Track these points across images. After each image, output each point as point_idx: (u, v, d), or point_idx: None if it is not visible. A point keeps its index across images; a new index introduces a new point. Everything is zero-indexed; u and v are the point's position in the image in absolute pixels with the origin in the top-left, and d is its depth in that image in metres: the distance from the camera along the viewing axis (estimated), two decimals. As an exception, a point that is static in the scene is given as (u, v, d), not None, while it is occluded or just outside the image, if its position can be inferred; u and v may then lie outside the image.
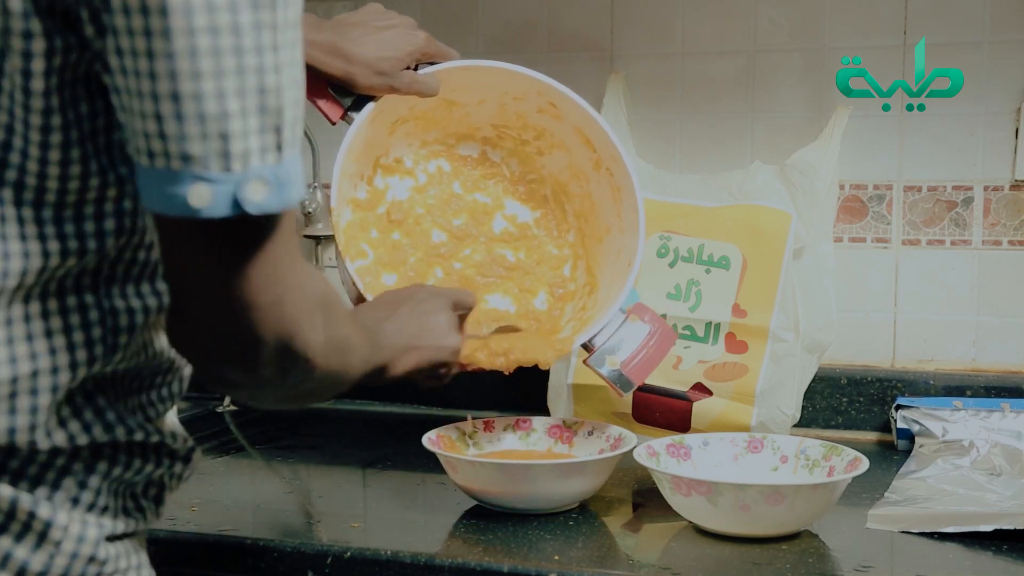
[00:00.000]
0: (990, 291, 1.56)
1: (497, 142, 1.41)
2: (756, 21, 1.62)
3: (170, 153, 0.66)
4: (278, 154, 0.68)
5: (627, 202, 1.32)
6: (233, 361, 0.75)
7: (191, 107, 0.65)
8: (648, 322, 1.28)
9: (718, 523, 1.14)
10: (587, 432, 1.37)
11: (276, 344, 0.73)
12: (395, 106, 1.29)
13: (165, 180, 0.67)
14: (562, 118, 1.34)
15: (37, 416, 0.73)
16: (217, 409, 1.81)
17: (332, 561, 1.12)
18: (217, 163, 0.66)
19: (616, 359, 1.26)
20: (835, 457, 1.23)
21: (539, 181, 1.42)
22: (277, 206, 0.69)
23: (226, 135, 0.66)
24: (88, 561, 0.76)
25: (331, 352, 0.79)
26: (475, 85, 1.33)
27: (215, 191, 0.66)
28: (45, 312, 0.73)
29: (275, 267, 0.72)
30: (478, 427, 1.37)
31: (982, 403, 1.45)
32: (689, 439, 1.29)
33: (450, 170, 1.42)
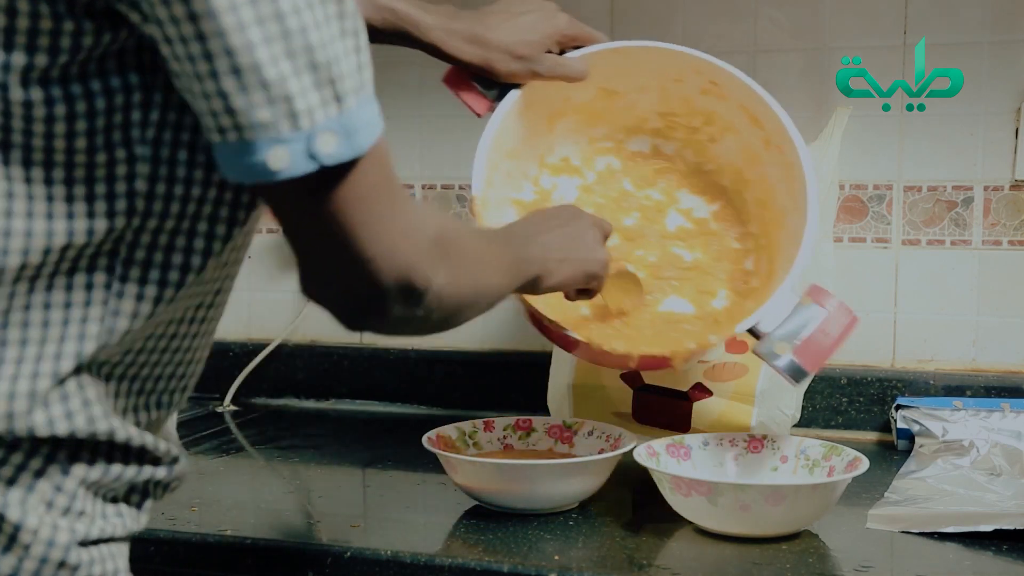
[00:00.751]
0: (990, 291, 1.56)
1: (668, 133, 1.34)
2: (756, 21, 1.62)
3: (241, 125, 0.68)
4: (338, 105, 0.70)
5: (798, 178, 1.24)
6: (363, 310, 0.80)
7: (252, 77, 0.67)
8: (826, 305, 1.17)
9: (718, 523, 1.14)
10: (587, 432, 1.37)
11: (398, 290, 0.77)
12: (547, 98, 1.24)
13: (242, 152, 0.69)
14: (726, 97, 1.27)
15: (34, 401, 0.72)
16: (217, 409, 1.81)
17: (332, 561, 1.12)
18: (287, 124, 0.69)
19: (787, 346, 1.16)
20: (835, 457, 1.23)
21: (717, 171, 1.35)
22: (349, 153, 0.71)
23: (289, 96, 0.68)
24: (58, 566, 0.75)
25: (461, 280, 0.84)
26: (629, 70, 1.27)
27: (291, 151, 0.69)
28: (51, 296, 0.73)
29: (375, 217, 0.74)
30: (478, 427, 1.37)
31: (982, 403, 1.45)
32: (689, 439, 1.29)
33: (620, 167, 1.37)
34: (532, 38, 1.21)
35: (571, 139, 1.35)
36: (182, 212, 0.75)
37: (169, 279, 0.76)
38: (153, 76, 0.73)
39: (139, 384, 0.80)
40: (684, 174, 1.36)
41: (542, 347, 1.71)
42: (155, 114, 0.73)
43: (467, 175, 1.75)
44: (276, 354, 1.85)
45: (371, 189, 0.74)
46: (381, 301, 0.77)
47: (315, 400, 1.84)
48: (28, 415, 0.72)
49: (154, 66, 0.72)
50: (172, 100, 0.73)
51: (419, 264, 0.78)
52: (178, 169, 0.75)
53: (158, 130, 0.73)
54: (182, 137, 0.74)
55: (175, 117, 0.74)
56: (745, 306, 1.29)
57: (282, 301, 1.87)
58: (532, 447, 1.38)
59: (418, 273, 0.78)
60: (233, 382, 1.84)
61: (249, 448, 1.60)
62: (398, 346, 1.81)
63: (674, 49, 1.23)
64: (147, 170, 0.74)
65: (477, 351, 1.77)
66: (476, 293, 0.89)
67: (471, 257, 0.88)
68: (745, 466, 1.28)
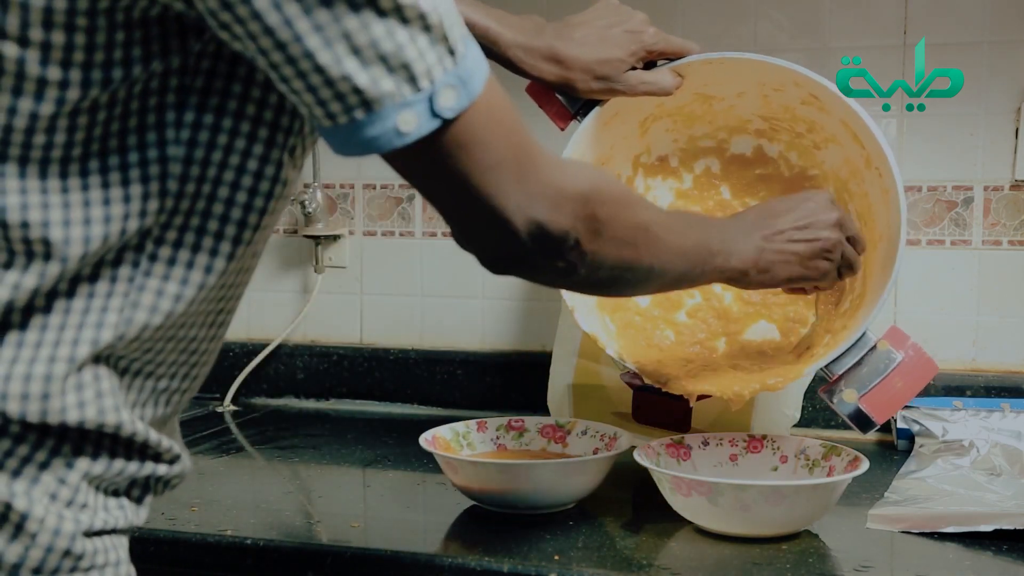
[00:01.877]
0: (990, 291, 1.56)
1: (772, 135, 1.30)
2: (756, 21, 1.62)
3: (369, 100, 0.70)
4: (453, 58, 0.72)
5: (894, 207, 1.18)
6: (505, 259, 0.81)
7: (371, 53, 0.69)
8: (902, 351, 1.13)
9: (718, 523, 1.14)
10: (580, 432, 1.37)
11: (533, 241, 0.78)
12: (639, 104, 1.21)
13: (366, 125, 0.71)
14: (827, 111, 1.22)
15: (50, 385, 0.73)
16: (217, 409, 1.81)
17: (332, 561, 1.12)
18: (409, 88, 0.70)
19: (855, 392, 1.13)
20: (835, 457, 1.23)
21: (821, 177, 1.30)
22: (467, 100, 0.72)
23: (407, 63, 0.70)
24: (63, 555, 0.76)
25: (613, 245, 0.84)
26: (725, 78, 1.23)
27: (416, 112, 0.71)
28: (76, 286, 0.74)
29: (499, 164, 0.75)
30: (471, 427, 1.37)
31: (982, 403, 1.45)
32: (689, 439, 1.29)
33: (719, 171, 1.33)
34: (615, 55, 1.17)
35: (669, 138, 1.31)
36: (208, 211, 0.76)
37: (190, 279, 0.77)
38: (192, 78, 0.73)
39: (152, 381, 0.81)
40: (786, 182, 1.31)
41: (542, 347, 1.71)
42: (190, 115, 0.74)
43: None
44: (276, 354, 1.85)
45: (494, 136, 0.75)
46: (519, 251, 0.79)
47: (315, 400, 1.85)
48: (42, 399, 0.73)
49: (194, 70, 0.73)
50: (209, 103, 0.74)
51: (555, 218, 0.78)
52: (209, 170, 0.75)
53: (193, 131, 0.74)
54: (218, 140, 0.75)
55: (212, 119, 0.74)
56: (822, 338, 1.24)
57: (282, 301, 1.87)
58: (525, 447, 1.38)
59: (554, 226, 0.78)
60: (233, 382, 1.84)
61: (249, 448, 1.60)
62: (398, 346, 1.81)
63: (771, 62, 1.19)
64: (179, 170, 0.74)
65: (477, 351, 1.77)
66: (635, 263, 0.89)
67: (632, 224, 0.87)
68: (745, 466, 1.28)
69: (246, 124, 0.75)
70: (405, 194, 1.78)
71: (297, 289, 1.87)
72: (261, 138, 0.76)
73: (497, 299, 1.77)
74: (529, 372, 1.68)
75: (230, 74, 0.74)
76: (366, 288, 1.84)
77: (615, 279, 0.89)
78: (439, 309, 1.80)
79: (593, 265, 0.84)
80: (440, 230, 1.78)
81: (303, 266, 1.86)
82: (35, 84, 0.70)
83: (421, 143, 0.72)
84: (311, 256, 1.84)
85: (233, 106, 0.75)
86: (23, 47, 0.69)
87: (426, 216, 1.78)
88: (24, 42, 0.69)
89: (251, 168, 0.76)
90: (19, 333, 0.73)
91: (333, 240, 1.83)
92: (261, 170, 0.77)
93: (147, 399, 0.81)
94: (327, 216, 1.81)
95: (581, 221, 0.81)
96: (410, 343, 1.81)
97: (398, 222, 1.79)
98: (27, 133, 0.71)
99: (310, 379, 1.85)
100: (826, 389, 1.16)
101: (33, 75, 0.69)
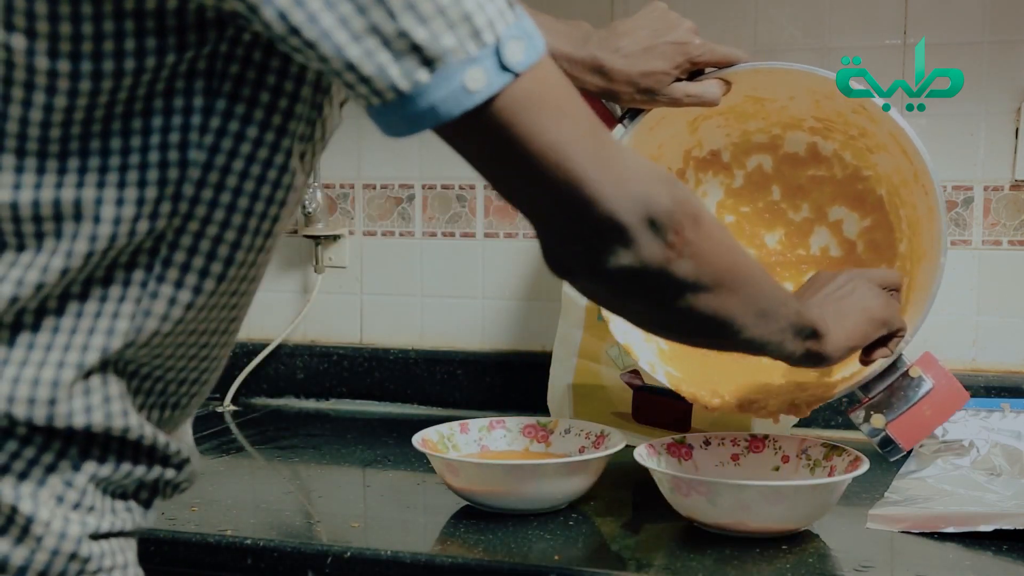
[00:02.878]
0: (990, 291, 1.56)
1: (827, 133, 1.28)
2: (756, 21, 1.62)
3: (431, 58, 0.66)
4: (513, 12, 0.69)
5: (936, 228, 1.17)
6: (609, 251, 0.74)
7: (427, 6, 0.65)
8: (934, 378, 1.13)
9: (718, 523, 1.14)
10: (563, 431, 1.36)
11: (639, 216, 0.73)
12: (684, 109, 1.19)
13: (430, 90, 0.66)
14: (876, 122, 1.21)
15: (58, 390, 0.73)
16: (217, 409, 1.81)
17: (332, 561, 1.12)
18: (473, 43, 0.66)
19: (883, 417, 1.12)
20: (836, 457, 1.23)
21: (875, 179, 1.29)
22: (536, 53, 0.69)
23: (467, 15, 0.66)
24: (70, 558, 0.75)
25: (708, 232, 0.78)
26: (775, 84, 1.22)
27: (484, 67, 0.67)
28: (89, 288, 0.73)
29: (584, 135, 0.71)
30: (454, 429, 1.36)
31: (982, 403, 1.45)
32: (691, 438, 1.29)
33: (771, 169, 1.31)
34: (659, 68, 1.15)
35: (721, 133, 1.29)
36: (225, 221, 0.75)
37: (203, 287, 0.76)
38: (220, 82, 0.71)
39: (161, 385, 0.80)
40: (838, 184, 1.30)
41: (542, 347, 1.71)
42: (216, 121, 0.72)
43: (466, 175, 1.75)
44: (276, 354, 1.85)
45: (564, 98, 0.71)
46: (626, 235, 0.73)
47: (315, 400, 1.85)
48: (49, 404, 0.73)
49: (222, 74, 0.71)
50: (235, 110, 0.72)
51: (655, 194, 0.73)
52: (229, 178, 0.74)
53: (217, 137, 0.73)
54: (241, 148, 0.73)
55: (237, 127, 0.73)
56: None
57: (282, 301, 1.87)
58: (508, 447, 1.37)
59: (656, 202, 0.73)
60: (233, 382, 1.84)
61: (249, 448, 1.60)
62: (398, 346, 1.81)
63: (820, 73, 1.18)
64: (198, 175, 0.73)
65: (477, 351, 1.77)
66: (732, 271, 0.81)
67: (718, 223, 0.81)
68: (747, 466, 1.28)
69: (270, 134, 0.74)
70: (405, 194, 1.78)
71: (297, 289, 1.87)
72: (284, 148, 0.75)
73: (497, 299, 1.77)
74: (529, 372, 1.68)
75: (258, 82, 0.72)
76: (366, 288, 1.84)
77: (717, 285, 0.80)
78: (439, 309, 1.80)
79: (698, 257, 0.77)
80: (440, 230, 1.78)
81: (303, 266, 1.86)
82: (46, 77, 0.69)
83: (493, 103, 0.68)
84: (311, 256, 1.84)
85: (260, 115, 0.73)
86: (31, 39, 0.68)
87: (426, 216, 1.78)
88: (32, 34, 0.68)
89: (271, 178, 0.75)
90: (30, 334, 0.73)
91: (333, 240, 1.83)
92: (279, 179, 0.76)
93: (155, 402, 0.81)
94: (327, 216, 1.81)
95: (679, 205, 0.75)
96: (410, 343, 1.81)
97: (398, 222, 1.79)
98: (43, 127, 0.70)
99: (310, 379, 1.85)
100: (854, 411, 1.15)
101: (43, 68, 0.68)
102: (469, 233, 1.77)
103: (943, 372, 1.14)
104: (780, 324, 0.90)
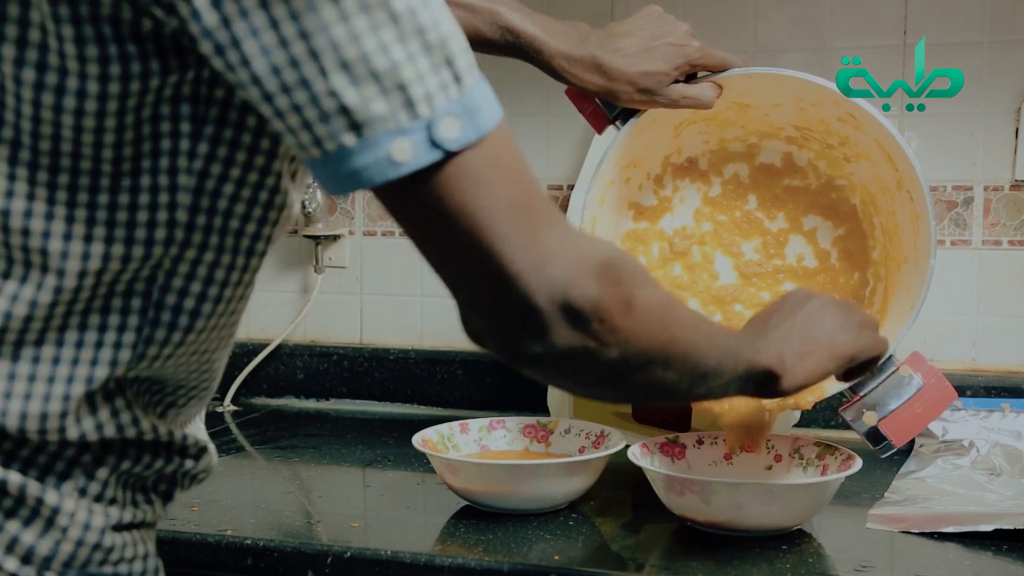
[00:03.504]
0: (990, 291, 1.56)
1: (803, 143, 1.30)
2: (756, 21, 1.62)
3: (358, 122, 0.64)
4: (458, 86, 0.66)
5: (923, 233, 1.19)
6: (527, 338, 0.71)
7: (362, 69, 0.63)
8: (924, 377, 1.14)
9: (712, 521, 1.14)
10: (563, 431, 1.37)
11: (555, 307, 0.69)
12: (674, 111, 1.21)
13: (356, 154, 0.64)
14: (863, 130, 1.22)
15: (68, 404, 0.73)
16: (217, 409, 1.81)
17: (332, 561, 1.12)
18: (404, 114, 0.64)
19: (875, 414, 1.14)
20: (829, 456, 1.23)
21: (849, 188, 1.30)
22: (474, 135, 0.66)
23: (403, 84, 0.64)
24: (93, 548, 0.77)
25: (642, 315, 0.74)
26: (764, 89, 1.24)
27: (413, 140, 0.64)
28: (87, 318, 0.74)
29: (513, 215, 0.68)
30: (454, 429, 1.36)
31: (982, 403, 1.45)
32: (684, 438, 1.29)
33: (747, 178, 1.33)
34: (659, 68, 1.16)
35: (699, 140, 1.31)
36: (220, 245, 0.75)
37: (202, 310, 0.76)
38: (207, 107, 0.71)
39: (159, 386, 0.81)
40: (813, 195, 1.31)
41: (542, 347, 1.71)
42: (204, 146, 0.72)
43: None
44: (276, 354, 1.85)
45: (503, 180, 0.68)
46: (539, 322, 0.70)
47: (315, 400, 1.85)
48: (59, 432, 0.74)
49: (208, 99, 0.70)
50: (224, 135, 0.72)
51: (580, 281, 0.70)
52: (220, 202, 0.73)
53: (206, 162, 0.72)
54: (231, 173, 0.73)
55: (225, 152, 0.72)
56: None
57: (282, 301, 1.87)
58: (508, 447, 1.37)
59: (578, 291, 0.70)
60: (233, 382, 1.84)
61: (249, 448, 1.60)
62: (398, 346, 1.81)
63: (812, 80, 1.18)
64: (189, 201, 0.73)
65: (477, 351, 1.76)
66: (670, 347, 0.78)
67: (660, 300, 0.77)
68: (740, 465, 1.28)
69: (260, 158, 0.73)
70: (405, 194, 1.78)
71: (297, 289, 1.87)
72: (275, 171, 0.75)
73: (497, 299, 1.76)
74: (529, 372, 1.67)
75: (245, 106, 0.71)
76: (366, 288, 1.84)
77: (648, 364, 0.77)
78: (439, 309, 1.80)
79: (625, 344, 0.74)
80: (440, 230, 1.78)
81: (303, 266, 1.86)
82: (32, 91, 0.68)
83: (419, 177, 0.65)
84: (311, 256, 1.84)
85: (248, 140, 0.72)
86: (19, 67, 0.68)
87: (426, 216, 1.78)
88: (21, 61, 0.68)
89: (263, 200, 0.75)
90: (31, 365, 0.73)
91: (333, 240, 1.83)
92: (271, 200, 0.76)
93: (162, 401, 0.82)
94: (327, 216, 1.81)
95: (608, 291, 0.71)
96: (410, 343, 1.81)
97: (398, 222, 1.79)
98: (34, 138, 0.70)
99: (310, 379, 1.85)
100: (846, 408, 1.16)
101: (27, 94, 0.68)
102: (469, 233, 1.76)
103: (931, 370, 1.16)
104: (724, 379, 0.87)
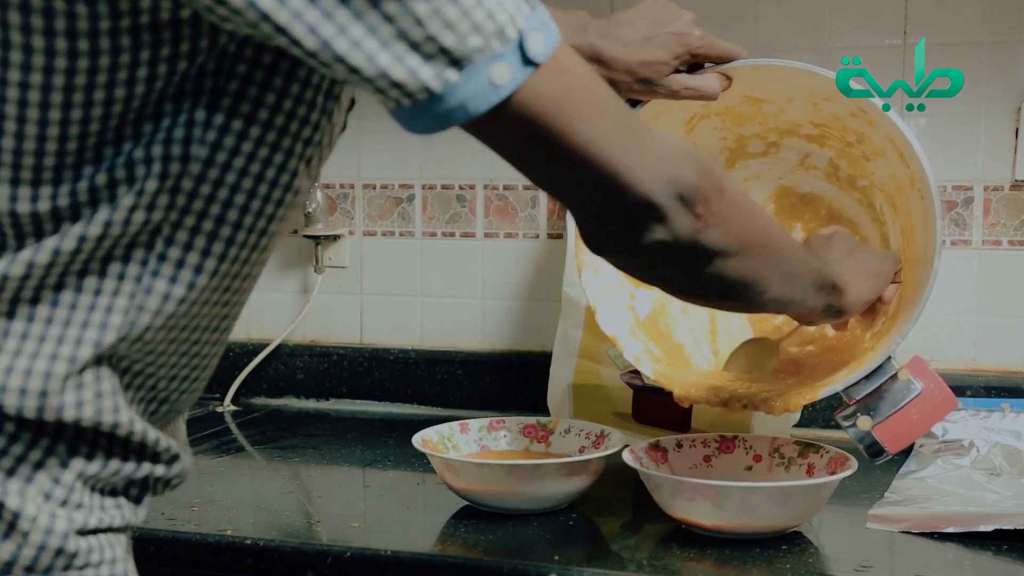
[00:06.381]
0: (990, 291, 1.56)
1: (823, 141, 1.27)
2: (756, 21, 1.62)
3: (459, 58, 0.68)
4: (528, 4, 0.70)
5: (932, 233, 1.15)
6: (647, 230, 0.77)
7: (453, 11, 0.67)
8: (923, 382, 1.12)
9: (719, 525, 1.14)
10: (563, 431, 1.37)
11: (672, 191, 0.76)
12: (682, 105, 1.19)
13: (458, 89, 0.68)
14: (875, 125, 1.19)
15: (54, 365, 0.73)
16: (217, 409, 1.81)
17: (332, 561, 1.12)
18: (498, 41, 0.68)
19: (870, 420, 1.11)
20: (813, 454, 1.23)
21: (870, 188, 1.27)
22: (554, 41, 0.70)
23: (491, 14, 0.68)
24: (56, 553, 0.76)
25: (732, 200, 0.81)
26: (774, 83, 1.21)
27: (509, 63, 0.69)
28: (83, 281, 0.74)
29: (608, 119, 0.73)
30: (454, 429, 1.36)
31: (982, 403, 1.45)
32: (664, 442, 1.28)
33: (769, 196, 1.31)
34: (658, 58, 1.15)
35: (717, 136, 1.29)
36: (221, 216, 0.75)
37: (197, 282, 0.76)
38: (226, 81, 0.72)
39: (152, 380, 0.81)
40: (838, 190, 1.30)
41: (542, 347, 1.71)
42: (219, 118, 0.73)
43: (466, 175, 1.76)
44: (276, 354, 1.86)
45: (585, 76, 0.73)
46: (661, 214, 0.76)
47: (315, 400, 1.85)
48: (40, 396, 0.73)
49: (229, 72, 0.72)
50: (240, 109, 0.73)
51: (683, 171, 0.76)
52: (228, 175, 0.74)
53: (220, 134, 0.73)
54: (243, 147, 0.74)
55: (241, 126, 0.73)
56: (862, 335, 1.23)
57: (282, 301, 1.87)
58: (508, 447, 1.38)
59: (684, 180, 0.76)
60: (233, 382, 1.84)
61: (249, 448, 1.60)
62: (398, 346, 1.81)
63: (820, 72, 1.17)
64: (198, 170, 0.74)
65: (477, 351, 1.77)
66: (758, 234, 0.86)
67: (740, 191, 0.85)
68: (719, 467, 1.27)
69: (272, 134, 0.75)
70: (405, 194, 1.78)
71: (297, 289, 1.87)
72: (283, 148, 0.76)
73: (497, 299, 1.77)
74: (529, 372, 1.68)
75: (265, 83, 0.73)
76: (366, 288, 1.84)
77: (742, 250, 0.84)
78: (439, 309, 1.80)
79: (723, 224, 0.80)
80: (440, 230, 1.78)
81: (303, 266, 1.86)
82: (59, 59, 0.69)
83: (519, 95, 0.70)
84: (311, 256, 1.84)
85: (264, 116, 0.74)
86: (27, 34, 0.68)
87: (426, 216, 1.78)
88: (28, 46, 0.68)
89: (269, 176, 0.76)
90: (24, 324, 0.73)
91: (333, 240, 1.83)
92: (277, 178, 0.76)
93: (146, 397, 0.81)
94: (327, 216, 1.81)
95: (705, 178, 0.78)
96: (410, 343, 1.81)
97: (398, 222, 1.79)
98: (60, 140, 0.70)
99: (310, 379, 1.85)
100: (840, 413, 1.14)
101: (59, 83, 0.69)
102: (469, 233, 1.77)
103: (933, 376, 1.13)
104: (802, 282, 0.95)
